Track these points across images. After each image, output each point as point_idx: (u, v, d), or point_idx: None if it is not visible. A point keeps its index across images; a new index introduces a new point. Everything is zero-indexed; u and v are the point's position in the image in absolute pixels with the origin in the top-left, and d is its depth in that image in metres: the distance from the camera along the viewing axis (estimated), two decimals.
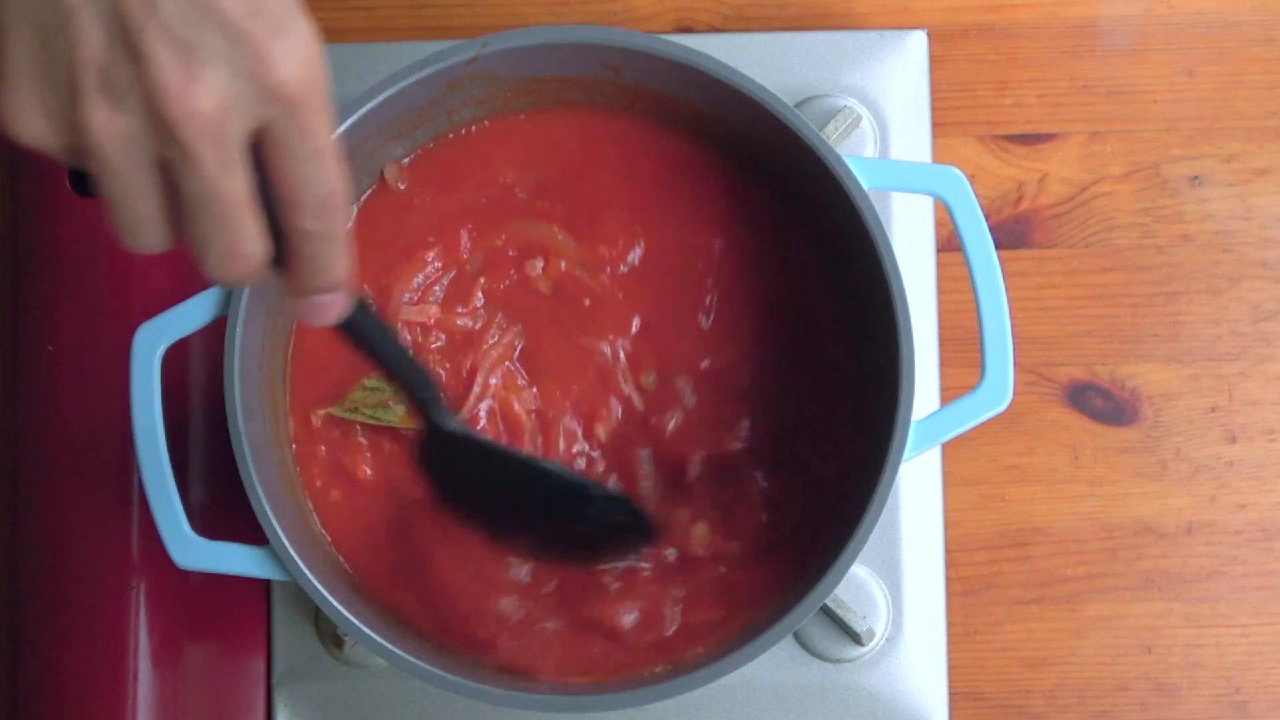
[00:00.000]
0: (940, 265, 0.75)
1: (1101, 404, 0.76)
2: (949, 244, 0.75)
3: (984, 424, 0.61)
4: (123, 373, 0.61)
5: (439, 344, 0.69)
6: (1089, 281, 0.76)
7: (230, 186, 0.44)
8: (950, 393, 0.75)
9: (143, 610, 0.71)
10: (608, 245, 0.69)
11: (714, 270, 0.68)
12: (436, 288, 0.69)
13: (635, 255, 0.69)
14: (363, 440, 0.68)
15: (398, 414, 0.67)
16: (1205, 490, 0.76)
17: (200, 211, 0.44)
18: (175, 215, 0.45)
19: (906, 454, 0.61)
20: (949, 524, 0.75)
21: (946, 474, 0.75)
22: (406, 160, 0.69)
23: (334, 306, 0.50)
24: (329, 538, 0.67)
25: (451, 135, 0.69)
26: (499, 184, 0.69)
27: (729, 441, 0.68)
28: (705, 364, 0.68)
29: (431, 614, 0.66)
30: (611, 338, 0.68)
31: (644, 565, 0.67)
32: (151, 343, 0.62)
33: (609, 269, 0.68)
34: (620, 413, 0.68)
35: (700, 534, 0.67)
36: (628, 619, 0.66)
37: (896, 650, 0.73)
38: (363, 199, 0.69)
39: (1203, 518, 0.76)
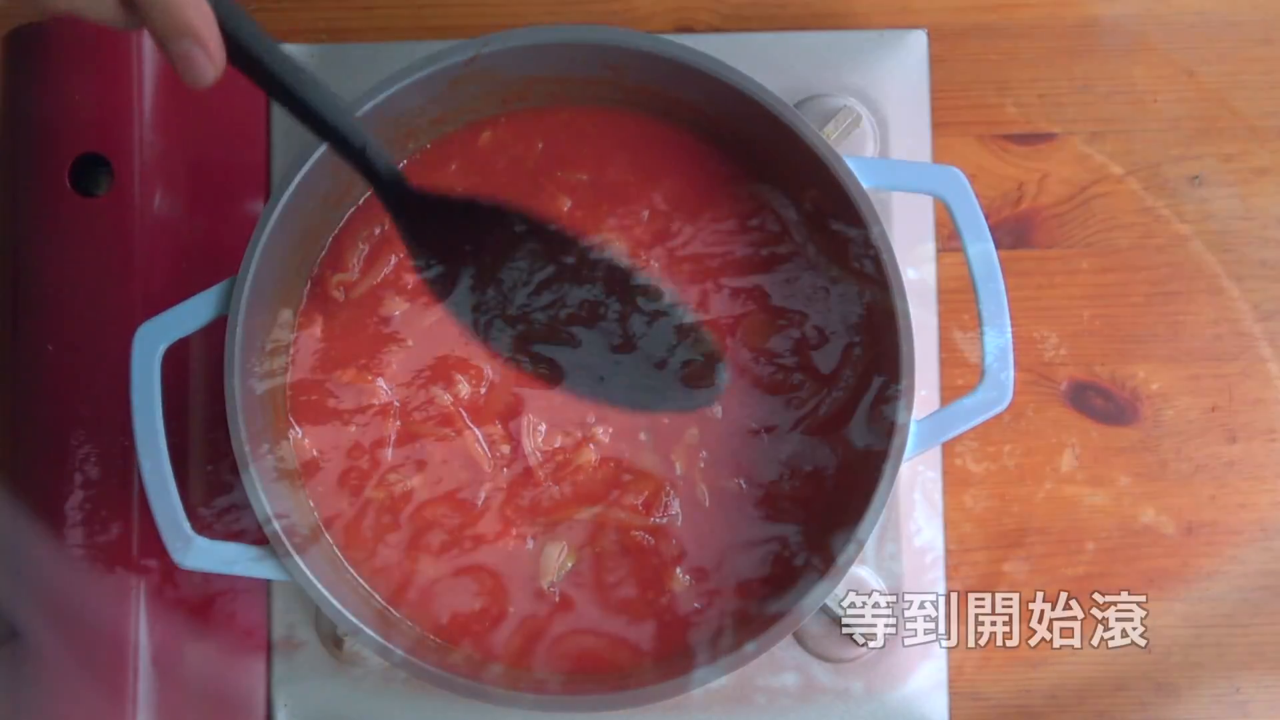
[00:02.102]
0: (940, 265, 0.75)
1: (1101, 404, 0.76)
2: (949, 244, 0.75)
3: (984, 424, 0.61)
4: (123, 373, 0.61)
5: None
6: (1089, 281, 0.76)
7: None
8: (950, 393, 0.75)
9: (143, 610, 0.71)
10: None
11: (713, 268, 0.68)
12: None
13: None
14: None
15: None
16: (1205, 490, 0.76)
17: None
18: None
19: (906, 454, 0.61)
20: (949, 524, 0.75)
21: (946, 474, 0.75)
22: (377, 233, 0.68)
23: (193, 61, 0.47)
24: (329, 536, 0.67)
25: (451, 134, 0.69)
26: (499, 183, 0.69)
27: (727, 441, 0.68)
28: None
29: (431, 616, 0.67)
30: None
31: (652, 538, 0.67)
32: (151, 342, 0.62)
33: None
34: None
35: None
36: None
37: (896, 650, 0.73)
38: (364, 199, 0.69)
39: (1203, 518, 0.75)
